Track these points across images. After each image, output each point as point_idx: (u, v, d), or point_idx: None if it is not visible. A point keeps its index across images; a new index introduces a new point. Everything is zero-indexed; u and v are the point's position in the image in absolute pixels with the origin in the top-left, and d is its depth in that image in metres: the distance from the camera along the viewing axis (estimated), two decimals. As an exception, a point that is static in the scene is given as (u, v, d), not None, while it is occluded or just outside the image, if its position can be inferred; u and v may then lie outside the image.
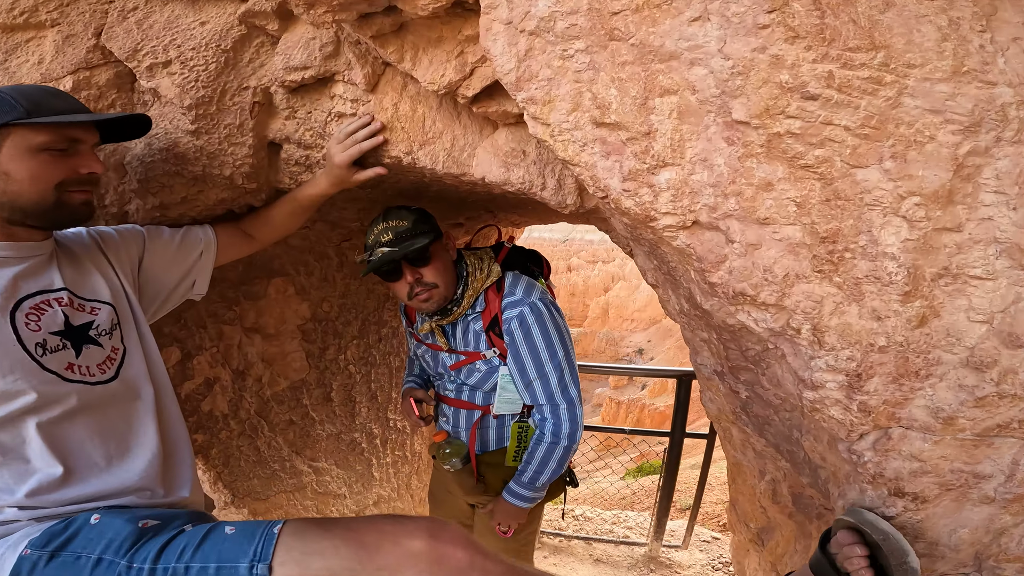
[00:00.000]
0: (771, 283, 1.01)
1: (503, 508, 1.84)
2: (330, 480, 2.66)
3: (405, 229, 1.59)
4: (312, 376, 2.40)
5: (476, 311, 1.72)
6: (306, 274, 2.26)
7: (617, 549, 3.30)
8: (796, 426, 1.43)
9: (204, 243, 1.56)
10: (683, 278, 1.28)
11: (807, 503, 1.83)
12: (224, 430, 2.19)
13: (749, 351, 1.27)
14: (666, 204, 1.04)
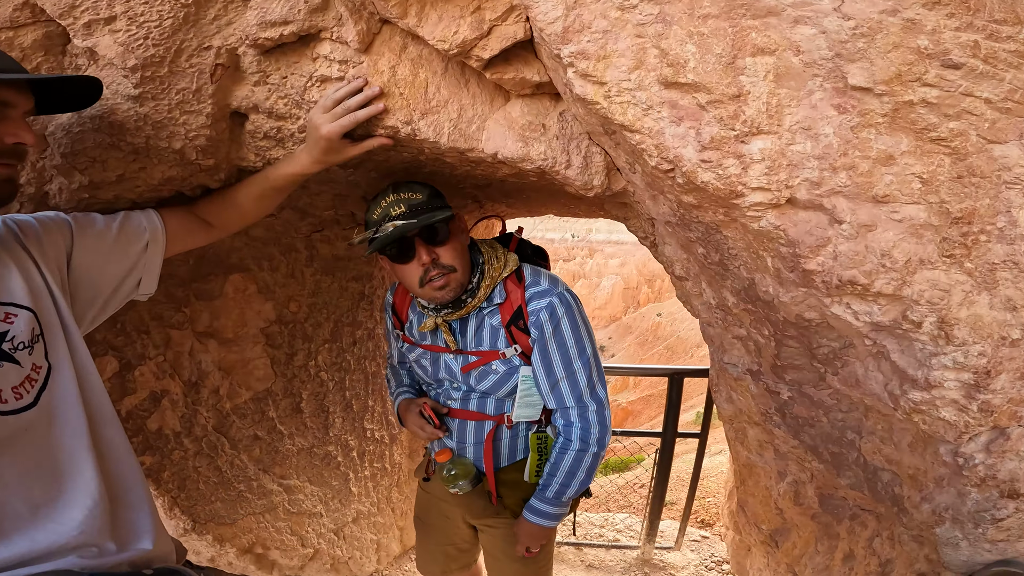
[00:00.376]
0: (890, 270, 0.88)
1: (527, 530, 1.64)
2: (304, 498, 2.38)
3: (420, 202, 1.38)
4: (278, 385, 2.11)
5: (493, 304, 1.51)
6: (270, 270, 1.97)
7: (609, 553, 3.16)
8: (853, 427, 1.32)
9: (150, 232, 1.27)
10: (743, 267, 1.13)
11: (838, 504, 1.74)
12: (177, 450, 1.89)
13: (820, 348, 1.14)
14: (758, 178, 0.89)
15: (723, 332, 1.54)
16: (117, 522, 0.99)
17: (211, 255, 1.81)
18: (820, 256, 0.90)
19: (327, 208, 1.93)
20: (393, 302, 1.71)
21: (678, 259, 1.46)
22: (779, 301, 1.07)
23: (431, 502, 1.93)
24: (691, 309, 1.66)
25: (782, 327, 1.18)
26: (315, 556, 2.55)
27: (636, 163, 1.12)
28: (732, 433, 2.04)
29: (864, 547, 1.68)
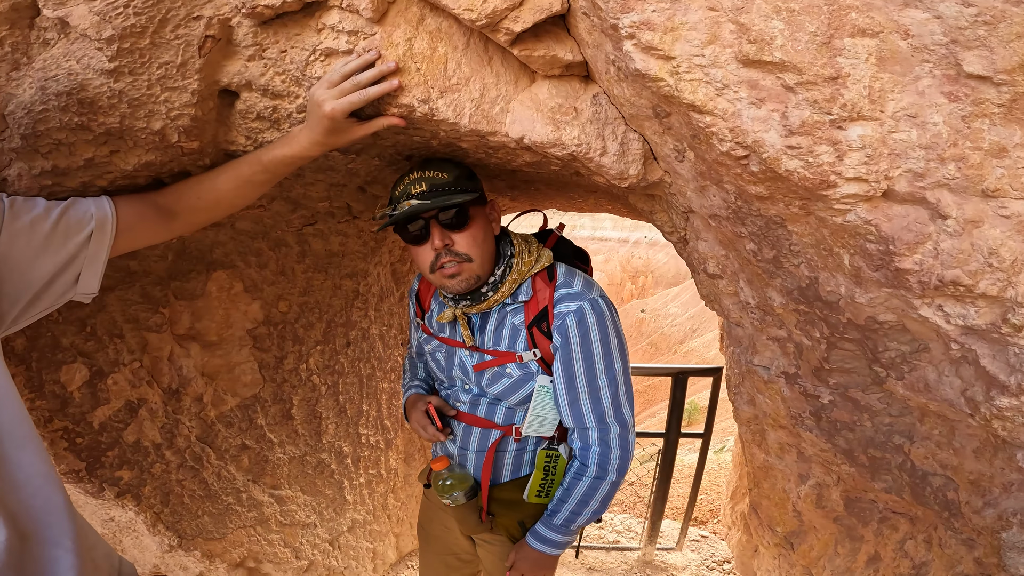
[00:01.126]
0: (996, 269, 0.80)
1: (528, 556, 1.50)
2: (296, 509, 2.23)
3: (444, 182, 1.26)
4: (267, 391, 1.96)
5: (519, 301, 1.37)
6: (257, 266, 1.80)
7: (609, 555, 3.08)
8: (903, 432, 1.26)
9: (96, 220, 1.07)
10: (804, 266, 1.04)
11: (866, 508, 1.69)
12: (158, 463, 1.73)
13: (887, 352, 1.06)
14: (854, 167, 0.80)
15: (756, 333, 1.45)
16: (27, 562, 0.84)
17: (192, 250, 1.64)
18: (918, 254, 0.82)
19: (321, 199, 1.77)
20: (418, 289, 1.61)
21: (713, 256, 1.36)
22: (850, 302, 0.98)
23: (431, 511, 1.82)
24: (718, 308, 1.57)
25: (841, 329, 1.09)
26: (310, 568, 2.41)
27: (690, 150, 1.01)
28: (749, 435, 1.96)
29: (894, 549, 1.62)
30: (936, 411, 1.09)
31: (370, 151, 1.45)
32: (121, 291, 1.54)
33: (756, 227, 1.04)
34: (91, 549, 0.96)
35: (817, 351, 1.21)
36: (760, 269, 1.17)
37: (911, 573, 1.54)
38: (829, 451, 1.53)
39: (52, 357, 1.45)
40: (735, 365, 1.72)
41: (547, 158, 1.29)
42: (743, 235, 1.11)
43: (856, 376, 1.20)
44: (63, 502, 0.93)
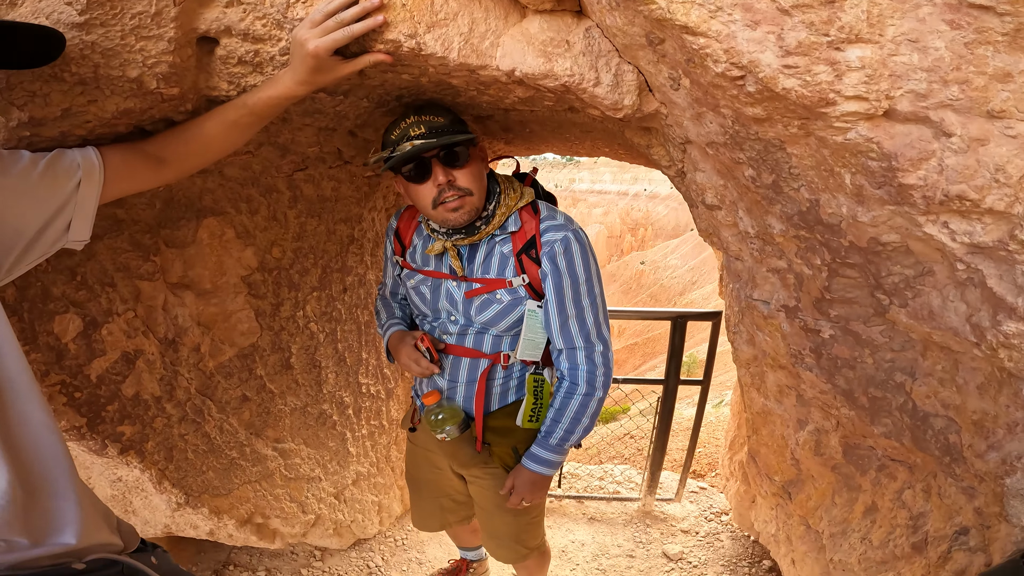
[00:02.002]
0: (1003, 185, 0.80)
1: (526, 479, 1.60)
2: (300, 462, 2.26)
3: (442, 125, 1.34)
4: (265, 340, 1.95)
5: (507, 232, 1.48)
6: (248, 213, 1.78)
7: (610, 506, 3.14)
8: (904, 368, 1.24)
9: (84, 169, 1.08)
10: (805, 188, 1.04)
11: (864, 455, 1.69)
12: (159, 417, 1.74)
13: (890, 277, 1.05)
14: (854, 86, 0.80)
15: (756, 265, 1.43)
16: (31, 514, 0.85)
17: (180, 198, 1.62)
18: (922, 169, 0.82)
19: (311, 144, 1.73)
20: (397, 227, 1.67)
21: (712, 186, 1.34)
22: (852, 223, 0.98)
23: (419, 454, 1.88)
24: (717, 241, 1.55)
25: (843, 254, 1.08)
26: (317, 522, 2.46)
27: (685, 76, 0.98)
28: (748, 378, 1.96)
29: (891, 499, 1.63)
30: (940, 343, 1.07)
31: (358, 92, 1.42)
32: (110, 240, 1.52)
33: (754, 152, 1.03)
34: (92, 504, 0.97)
35: (818, 280, 1.20)
36: (759, 196, 1.15)
37: (908, 524, 1.55)
38: (829, 392, 1.53)
39: (44, 307, 1.44)
40: (734, 302, 1.71)
41: (540, 92, 1.26)
42: (741, 161, 1.09)
43: (858, 307, 1.19)
44: (65, 454, 0.93)
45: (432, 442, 1.78)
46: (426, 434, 1.78)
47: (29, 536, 0.83)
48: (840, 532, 1.87)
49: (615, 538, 2.94)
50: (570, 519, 3.06)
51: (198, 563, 2.75)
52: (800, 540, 2.15)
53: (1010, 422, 1.02)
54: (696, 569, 2.75)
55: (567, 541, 2.91)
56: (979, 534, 1.27)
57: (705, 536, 2.95)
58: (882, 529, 1.67)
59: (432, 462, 1.86)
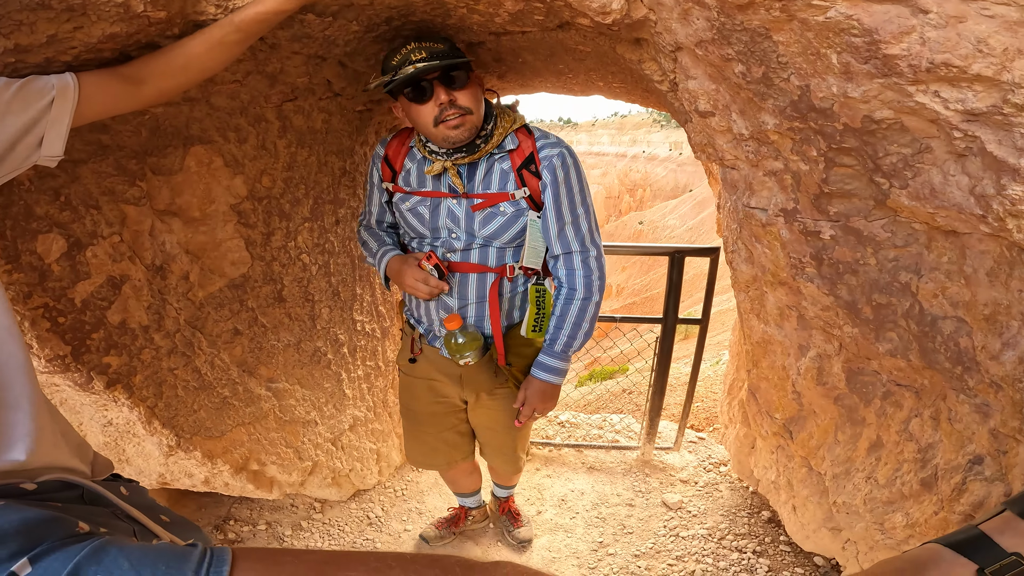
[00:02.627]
0: (987, 55, 0.78)
1: (539, 390, 1.69)
2: (295, 404, 2.22)
3: (442, 51, 1.41)
4: (256, 270, 1.91)
5: (505, 150, 1.57)
6: (237, 142, 1.73)
7: (609, 455, 3.13)
8: (909, 266, 1.20)
9: (58, 89, 1.08)
10: (794, 76, 1.02)
11: (868, 381, 1.63)
12: (147, 348, 1.70)
13: (887, 158, 1.02)
14: None
15: (752, 170, 1.40)
16: None
17: (167, 126, 1.57)
18: (904, 42, 0.81)
19: (300, 75, 1.68)
20: (385, 153, 1.69)
21: (704, 91, 1.31)
22: (844, 102, 0.96)
23: (421, 387, 1.87)
24: (712, 152, 1.51)
25: (839, 139, 1.05)
26: (314, 469, 2.43)
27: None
28: (748, 303, 1.92)
29: (897, 432, 1.57)
30: (944, 226, 1.03)
31: (347, 13, 1.38)
32: (94, 164, 1.48)
33: (742, 44, 1.02)
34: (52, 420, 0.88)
35: (815, 174, 1.17)
36: (751, 92, 1.13)
37: (916, 458, 1.49)
38: (831, 308, 1.49)
39: (26, 226, 1.40)
40: (731, 219, 1.67)
41: (529, 4, 1.24)
42: (730, 57, 1.07)
43: (857, 200, 1.15)
44: (24, 362, 0.84)
45: (438, 371, 1.79)
46: (430, 363, 1.79)
47: None
48: (843, 472, 1.82)
49: (614, 487, 2.93)
50: (569, 468, 3.05)
51: (199, 519, 2.73)
52: (801, 484, 2.11)
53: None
54: (695, 518, 2.75)
55: (566, 490, 2.90)
56: (995, 461, 1.21)
57: (704, 486, 2.95)
58: (888, 466, 1.62)
59: (437, 393, 1.86)
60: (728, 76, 1.16)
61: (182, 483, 2.12)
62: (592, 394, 4.67)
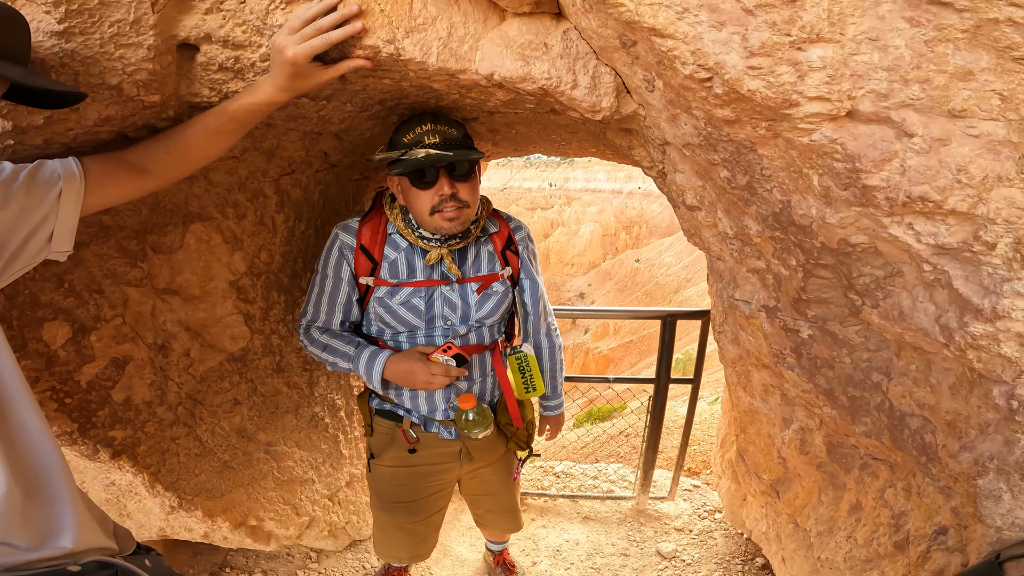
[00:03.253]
0: (965, 186, 0.81)
1: (558, 420, 2.03)
2: (293, 465, 2.26)
3: (456, 138, 1.43)
4: (256, 343, 1.96)
5: (488, 233, 1.66)
6: (236, 218, 1.78)
7: (604, 504, 3.15)
8: (880, 368, 1.26)
9: (64, 179, 1.07)
10: (777, 190, 1.04)
11: (847, 453, 1.70)
12: (150, 421, 1.75)
13: (860, 278, 1.06)
14: (816, 87, 0.79)
15: (736, 266, 1.45)
16: (30, 518, 0.88)
17: (166, 203, 1.62)
18: (885, 171, 0.83)
19: (297, 149, 1.74)
20: (360, 243, 1.56)
21: (691, 187, 1.36)
22: (822, 224, 0.99)
23: (416, 475, 1.80)
24: (699, 242, 1.56)
25: (816, 255, 1.09)
26: (311, 524, 2.46)
27: (658, 78, 0.99)
28: (735, 377, 1.97)
29: (874, 498, 1.64)
30: (912, 343, 1.08)
31: (340, 96, 1.43)
32: (96, 246, 1.53)
33: (728, 153, 1.04)
34: (88, 509, 1.00)
35: (794, 280, 1.22)
36: (735, 197, 1.17)
37: (891, 522, 1.56)
38: (811, 392, 1.54)
39: (32, 315, 1.45)
40: (719, 301, 1.73)
41: (520, 95, 1.28)
42: (716, 163, 1.11)
43: (833, 307, 1.20)
44: (61, 460, 0.96)
45: (439, 454, 1.77)
46: (428, 449, 1.75)
47: (28, 539, 0.85)
48: (827, 530, 1.88)
49: (609, 537, 2.95)
50: (564, 518, 3.07)
51: (194, 566, 2.75)
52: (789, 538, 2.15)
53: (982, 423, 1.02)
54: (690, 567, 2.76)
55: (561, 540, 2.92)
56: (957, 534, 1.28)
57: (699, 534, 2.96)
58: (866, 527, 1.68)
59: (435, 476, 1.81)
60: (714, 178, 1.20)
61: (181, 535, 2.15)
62: (588, 436, 4.69)
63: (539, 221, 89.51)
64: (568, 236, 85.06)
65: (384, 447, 1.78)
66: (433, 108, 1.59)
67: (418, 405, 1.70)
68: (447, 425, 1.72)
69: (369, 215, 1.61)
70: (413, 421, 1.73)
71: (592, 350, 49.03)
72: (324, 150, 1.85)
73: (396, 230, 1.57)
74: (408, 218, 1.54)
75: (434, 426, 1.73)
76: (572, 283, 78.37)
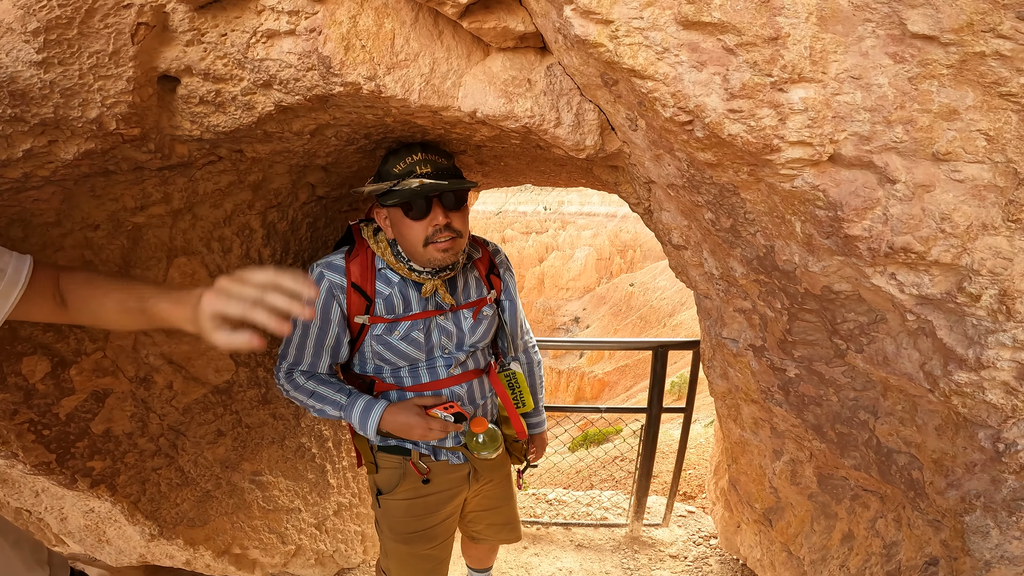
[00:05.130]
0: (949, 235, 0.79)
1: (541, 441, 2.02)
2: (279, 494, 2.22)
3: (447, 167, 1.44)
4: (242, 375, 1.93)
5: (472, 260, 1.67)
6: (222, 252, 1.76)
7: (597, 532, 3.10)
8: (867, 407, 1.24)
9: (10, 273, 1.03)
10: (760, 234, 1.02)
11: (838, 484, 1.69)
12: (131, 452, 1.71)
13: (844, 324, 1.05)
14: (798, 130, 0.77)
15: (723, 305, 1.43)
16: None
17: (150, 238, 1.59)
18: (867, 219, 0.81)
19: (284, 181, 1.73)
20: (351, 281, 1.48)
21: (677, 226, 1.34)
22: (804, 271, 0.96)
23: (432, 503, 1.75)
24: (687, 280, 1.55)
25: (800, 300, 1.07)
26: (297, 552, 2.41)
27: (640, 118, 0.98)
28: (725, 410, 1.96)
29: (866, 528, 1.63)
30: (897, 386, 1.07)
31: (325, 131, 1.42)
32: (78, 280, 1.51)
33: (711, 195, 1.02)
34: (17, 543, 0.96)
35: (780, 322, 1.20)
36: (720, 239, 1.15)
37: (882, 552, 1.54)
38: (800, 426, 1.52)
39: (11, 349, 1.42)
40: (707, 338, 1.71)
41: (505, 132, 1.27)
42: (700, 204, 1.09)
43: (819, 348, 1.18)
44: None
45: (451, 479, 1.74)
46: (441, 476, 1.72)
47: None
48: (820, 559, 1.86)
49: (603, 564, 2.89)
50: (557, 546, 3.02)
51: (177, 592, 2.68)
52: (783, 566, 2.13)
53: (968, 462, 1.01)
54: (685, 595, 2.71)
55: (554, 568, 2.87)
56: (947, 565, 1.26)
57: (694, 561, 2.91)
58: (859, 556, 1.67)
59: (449, 502, 1.77)
60: (699, 219, 1.18)
61: (163, 562, 2.10)
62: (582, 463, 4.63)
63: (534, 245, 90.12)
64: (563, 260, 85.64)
65: (394, 482, 1.72)
66: (421, 140, 1.57)
67: None
68: (456, 451, 1.73)
69: (353, 251, 1.53)
70: (422, 453, 1.70)
71: (587, 374, 48.86)
72: (311, 182, 1.84)
73: (386, 265, 1.51)
74: (397, 251, 1.50)
75: (443, 454, 1.72)
76: (567, 307, 78.60)
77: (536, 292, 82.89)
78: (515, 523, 2.09)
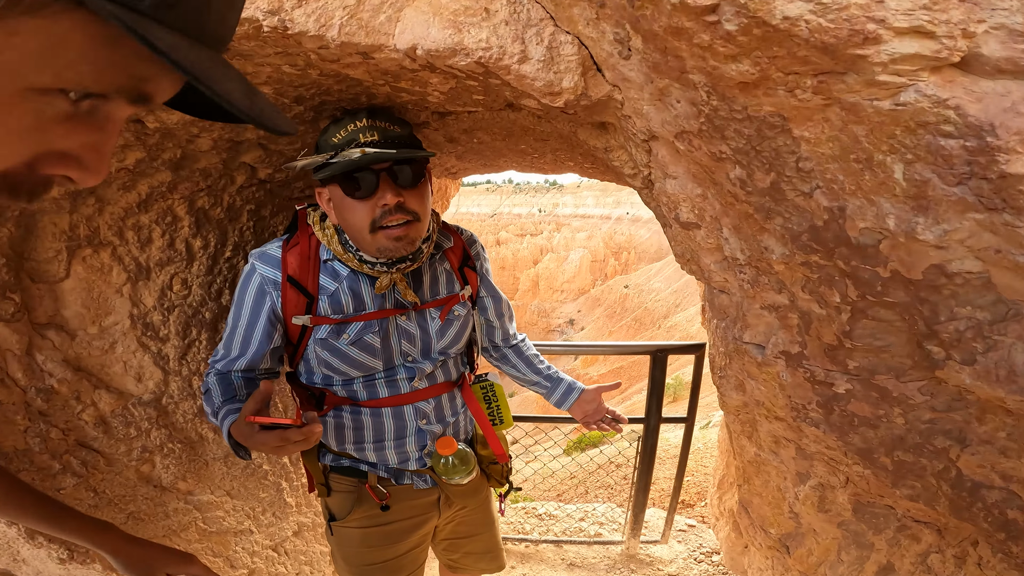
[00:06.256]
0: None
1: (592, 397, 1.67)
2: (224, 515, 1.94)
3: (399, 135, 1.14)
4: (174, 385, 1.65)
5: (441, 249, 1.39)
6: (139, 243, 1.48)
7: (591, 550, 2.82)
8: (951, 433, 0.96)
9: None
10: (822, 191, 0.74)
11: (879, 513, 1.43)
12: (25, 470, 1.43)
13: (952, 322, 0.75)
14: (908, 13, 0.47)
15: (747, 300, 1.14)
16: None
17: (47, 224, 1.32)
18: None
19: (211, 160, 1.45)
20: (287, 274, 1.23)
21: (687, 197, 1.04)
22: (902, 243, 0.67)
23: (393, 533, 1.51)
24: (696, 271, 1.26)
25: (880, 289, 0.77)
26: (252, 575, 2.15)
27: (635, 32, 0.69)
28: (738, 426, 1.68)
29: (912, 563, 1.35)
30: (1015, 409, 0.78)
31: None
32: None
33: (743, 139, 0.72)
34: None
35: (835, 322, 0.91)
36: (751, 207, 0.85)
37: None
38: (838, 449, 1.24)
39: None
40: (720, 343, 1.42)
41: (461, 81, 0.98)
42: (725, 156, 0.79)
43: (891, 357, 0.89)
44: None
45: (414, 505, 1.50)
46: (402, 502, 1.48)
47: None
48: (847, 592, 1.59)
49: (597, 586, 2.63)
50: (548, 565, 2.75)
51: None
52: (801, 598, 1.86)
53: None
54: (687, 618, 2.45)
55: (543, 591, 2.61)
56: None
57: (696, 580, 2.65)
58: None
59: (414, 532, 1.54)
60: (719, 181, 0.90)
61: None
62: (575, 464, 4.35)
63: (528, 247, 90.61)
64: (557, 262, 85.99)
65: (347, 507, 1.48)
66: (367, 105, 1.29)
67: (385, 457, 1.41)
68: (422, 474, 1.46)
69: (293, 238, 1.28)
70: (380, 475, 1.45)
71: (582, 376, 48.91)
72: (248, 162, 1.55)
73: (333, 255, 1.26)
74: (345, 238, 1.23)
75: (406, 477, 1.46)
76: (562, 309, 78.94)
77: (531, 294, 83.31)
78: (497, 551, 1.83)
